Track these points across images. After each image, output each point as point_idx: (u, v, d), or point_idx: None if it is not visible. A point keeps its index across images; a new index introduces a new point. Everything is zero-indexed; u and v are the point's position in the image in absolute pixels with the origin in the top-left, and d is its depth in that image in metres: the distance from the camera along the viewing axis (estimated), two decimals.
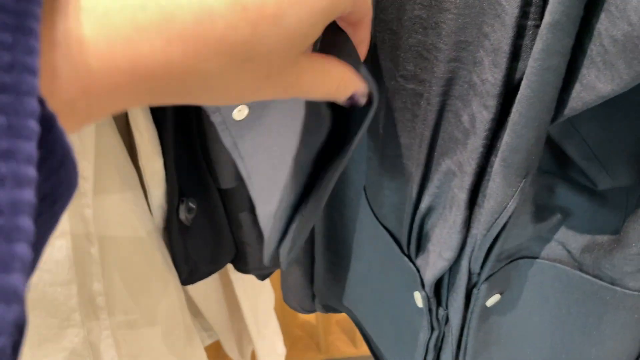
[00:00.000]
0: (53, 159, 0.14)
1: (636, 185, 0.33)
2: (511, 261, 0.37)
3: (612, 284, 0.35)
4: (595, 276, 0.36)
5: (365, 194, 0.44)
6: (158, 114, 0.47)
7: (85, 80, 0.16)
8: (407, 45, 0.33)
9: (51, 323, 0.42)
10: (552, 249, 0.37)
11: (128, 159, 0.45)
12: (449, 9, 0.30)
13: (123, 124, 0.45)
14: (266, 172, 0.34)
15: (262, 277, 0.66)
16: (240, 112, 0.33)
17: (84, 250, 0.42)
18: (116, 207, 0.44)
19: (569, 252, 0.37)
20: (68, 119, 0.16)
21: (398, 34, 0.33)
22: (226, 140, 0.34)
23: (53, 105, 0.15)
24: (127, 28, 0.16)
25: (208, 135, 0.54)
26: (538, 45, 0.26)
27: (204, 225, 0.57)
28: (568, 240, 0.37)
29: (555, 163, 0.34)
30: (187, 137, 0.53)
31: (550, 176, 0.34)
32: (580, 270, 0.36)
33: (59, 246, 0.40)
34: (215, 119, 0.33)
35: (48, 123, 0.14)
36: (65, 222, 0.40)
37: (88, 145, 0.39)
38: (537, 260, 0.37)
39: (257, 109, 0.34)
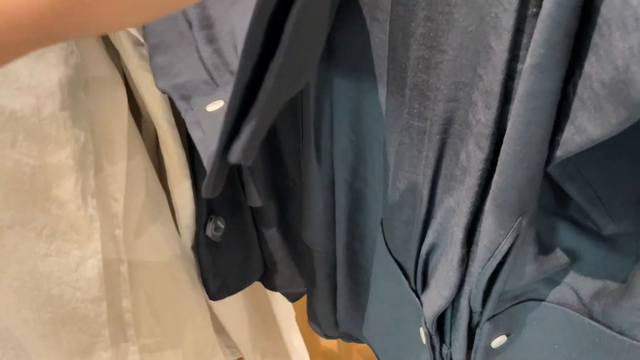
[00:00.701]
0: None
1: None
2: (518, 302, 0.37)
3: (621, 333, 0.34)
4: (604, 324, 0.35)
5: (382, 225, 0.44)
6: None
7: None
8: (413, 83, 0.34)
9: (81, 339, 0.44)
10: (562, 292, 0.36)
11: (157, 181, 0.48)
12: (446, 51, 0.31)
13: (153, 147, 0.49)
14: None
15: (291, 298, 0.67)
16: (214, 105, 0.34)
17: (114, 268, 0.45)
18: (145, 228, 0.47)
19: (579, 297, 0.36)
20: None
21: (406, 73, 0.35)
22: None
23: None
24: None
25: None
26: (521, 87, 0.26)
27: (234, 241, 0.59)
28: (578, 284, 0.36)
29: (558, 203, 0.33)
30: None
31: (554, 217, 0.34)
32: (590, 317, 0.35)
33: (90, 265, 0.42)
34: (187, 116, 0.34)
35: None
36: (97, 242, 0.42)
37: (119, 168, 0.42)
38: (546, 303, 0.37)
39: None
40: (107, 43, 0.42)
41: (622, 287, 0.34)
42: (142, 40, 0.42)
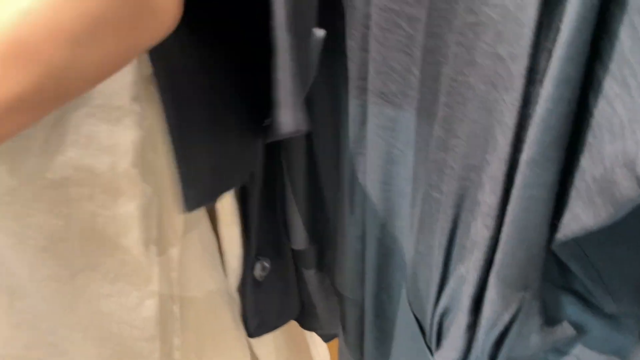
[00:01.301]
0: None
1: None
2: None
3: None
4: None
5: (406, 281, 0.47)
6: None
7: None
8: (433, 159, 0.37)
9: None
10: None
11: (210, 226, 0.53)
12: (460, 136, 0.34)
13: None
14: None
15: (327, 339, 0.70)
16: None
17: (168, 308, 0.49)
18: (196, 269, 0.51)
19: None
20: None
21: (429, 147, 0.38)
22: None
23: None
24: None
25: (287, 197, 0.61)
26: (519, 178, 0.29)
27: (274, 281, 0.63)
28: (584, 357, 0.37)
29: (564, 278, 0.36)
30: (270, 201, 0.60)
31: (561, 291, 0.36)
32: None
33: (148, 305, 0.46)
34: None
35: None
36: (155, 284, 0.46)
37: (177, 217, 0.47)
38: None
39: None
40: None
41: None
42: None
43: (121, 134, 0.40)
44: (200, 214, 0.52)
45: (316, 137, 0.57)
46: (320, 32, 0.39)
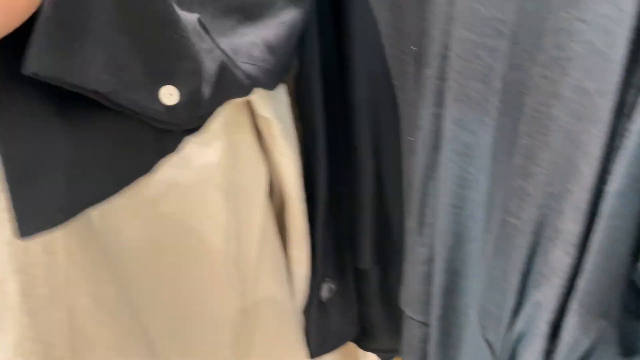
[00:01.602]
0: None
1: None
2: None
3: None
4: None
5: (476, 303, 0.48)
6: (309, 204, 0.57)
7: None
8: (511, 186, 0.38)
9: None
10: None
11: (281, 247, 0.55)
12: (541, 165, 0.35)
13: (279, 220, 0.56)
14: None
15: (384, 357, 0.71)
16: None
17: (241, 322, 0.52)
18: (267, 288, 0.53)
19: None
20: None
21: (505, 177, 0.39)
22: None
23: None
24: None
25: (354, 217, 0.62)
26: (606, 208, 0.30)
27: (337, 302, 0.64)
28: None
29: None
30: (336, 223, 0.61)
31: (637, 322, 0.36)
32: None
33: (225, 316, 0.50)
34: None
35: None
36: (232, 297, 0.50)
37: (255, 237, 0.49)
38: None
39: None
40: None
41: None
42: (278, 120, 0.50)
43: (210, 155, 0.43)
44: (275, 234, 0.54)
45: (384, 159, 0.59)
46: None
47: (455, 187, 0.47)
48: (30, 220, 0.31)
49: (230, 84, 0.39)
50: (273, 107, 0.49)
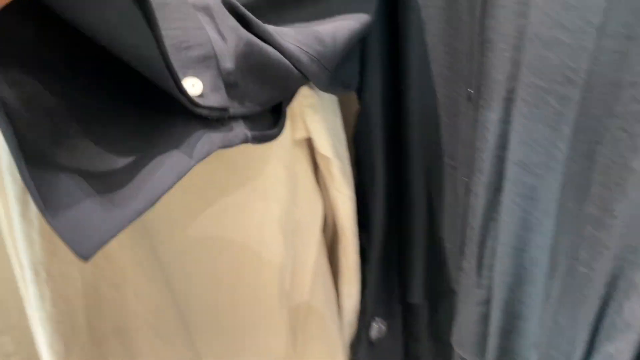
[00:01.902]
0: None
1: None
2: None
3: None
4: None
5: (537, 348, 0.47)
6: (362, 240, 0.57)
7: None
8: (581, 235, 0.38)
9: None
10: None
11: (332, 281, 0.55)
12: (617, 217, 0.34)
13: (330, 250, 0.56)
14: None
15: None
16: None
17: (291, 353, 0.52)
18: (317, 322, 0.54)
19: None
20: None
21: (574, 224, 0.39)
22: None
23: None
24: None
25: (406, 251, 0.62)
26: None
27: (385, 341, 0.64)
28: None
29: None
30: (387, 260, 0.61)
31: None
32: None
33: (274, 348, 0.50)
34: None
35: None
36: (283, 330, 0.50)
37: (309, 268, 0.50)
38: None
39: None
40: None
41: None
42: (337, 158, 0.50)
43: (271, 207, 0.44)
44: (326, 270, 0.54)
45: (435, 193, 0.59)
46: None
47: (518, 228, 0.47)
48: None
49: (265, 60, 0.37)
50: (332, 145, 0.49)
